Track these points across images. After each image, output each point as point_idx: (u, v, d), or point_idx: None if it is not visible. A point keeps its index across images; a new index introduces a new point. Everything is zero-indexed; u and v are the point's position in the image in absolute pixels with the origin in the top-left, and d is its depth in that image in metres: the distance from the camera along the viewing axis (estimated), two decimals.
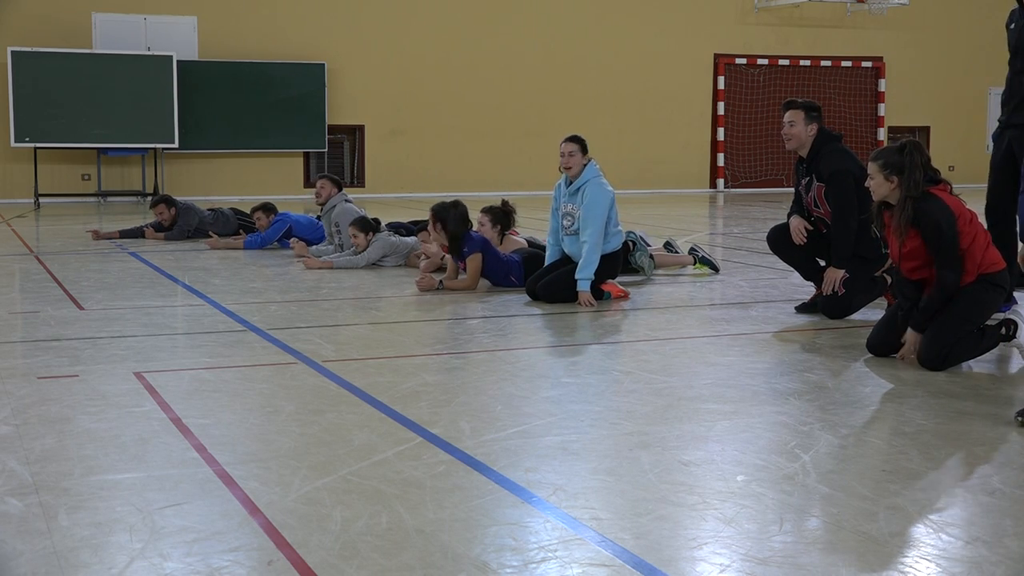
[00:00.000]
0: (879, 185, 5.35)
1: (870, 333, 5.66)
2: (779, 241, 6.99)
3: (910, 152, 5.28)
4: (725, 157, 22.26)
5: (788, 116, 6.73)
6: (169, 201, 11.71)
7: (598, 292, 7.29)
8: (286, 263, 9.47)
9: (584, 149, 7.36)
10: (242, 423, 4.28)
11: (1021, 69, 6.49)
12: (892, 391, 4.89)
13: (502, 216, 8.45)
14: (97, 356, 5.51)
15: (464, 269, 7.78)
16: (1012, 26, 6.62)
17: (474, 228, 8.35)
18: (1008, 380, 5.21)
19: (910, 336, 5.37)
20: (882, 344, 5.54)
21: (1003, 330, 5.40)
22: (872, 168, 5.37)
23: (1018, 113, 6.51)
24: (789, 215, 6.92)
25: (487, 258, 7.77)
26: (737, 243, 11.78)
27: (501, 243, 8.41)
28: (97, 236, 11.53)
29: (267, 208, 10.83)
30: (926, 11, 22.97)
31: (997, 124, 6.83)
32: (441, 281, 7.79)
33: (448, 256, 7.98)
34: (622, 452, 3.88)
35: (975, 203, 5.94)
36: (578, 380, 5.10)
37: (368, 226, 9.15)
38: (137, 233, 11.65)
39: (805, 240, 6.77)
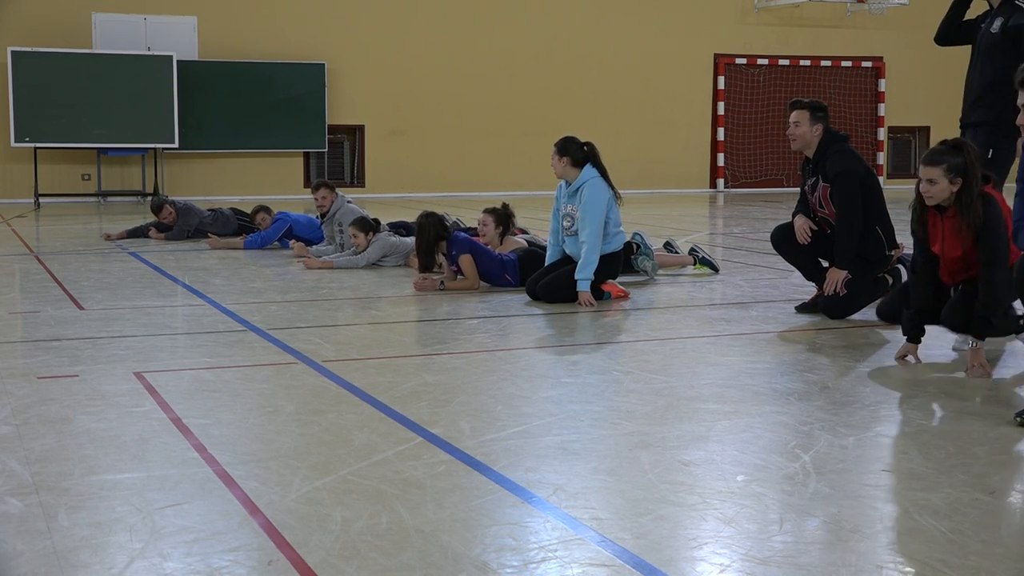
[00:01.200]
0: (942, 190, 5.18)
1: (881, 302, 5.67)
2: (783, 240, 6.98)
3: (968, 152, 5.19)
4: (725, 157, 22.26)
5: (793, 116, 6.73)
6: (170, 203, 11.75)
7: (598, 292, 7.29)
8: (286, 263, 9.47)
9: (560, 152, 7.32)
10: (242, 423, 4.28)
11: (977, 66, 6.48)
12: (892, 391, 4.89)
13: (504, 217, 8.47)
14: (97, 356, 5.51)
15: (458, 271, 7.79)
16: (983, 25, 6.62)
17: (478, 229, 8.39)
18: (1008, 380, 5.21)
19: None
20: (894, 315, 5.57)
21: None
22: (935, 173, 5.18)
23: (975, 110, 6.49)
24: (794, 215, 6.92)
25: (479, 257, 7.77)
26: (737, 243, 11.78)
27: (501, 243, 8.41)
28: (110, 238, 11.56)
29: (269, 210, 10.88)
30: (926, 11, 22.90)
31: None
32: (442, 282, 7.79)
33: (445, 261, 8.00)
34: (622, 452, 3.88)
35: None
36: (578, 380, 5.10)
37: (368, 226, 9.16)
38: (142, 232, 11.69)
39: (809, 240, 6.77)
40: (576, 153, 7.32)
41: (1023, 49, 6.23)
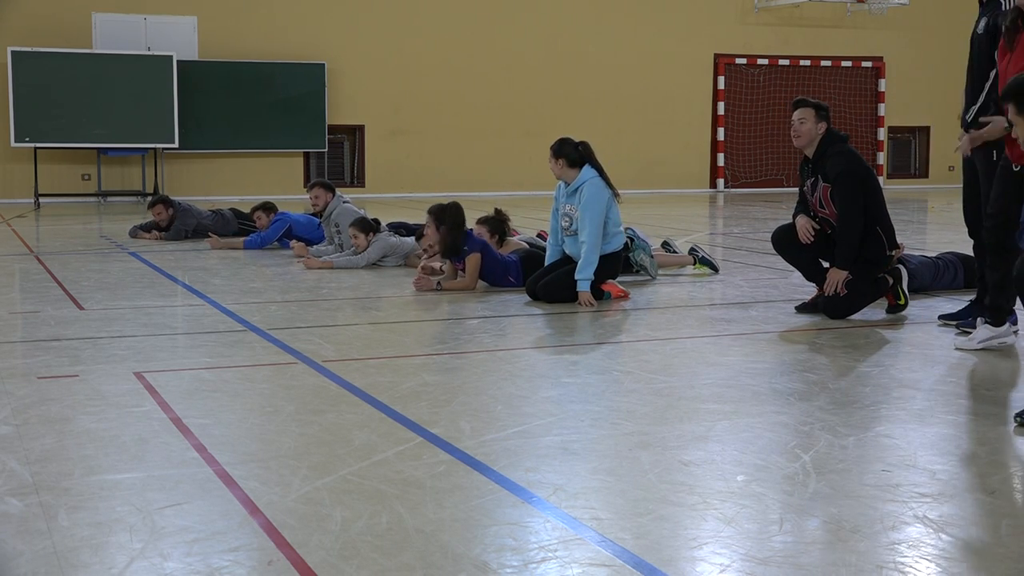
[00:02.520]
0: None
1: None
2: (783, 241, 6.98)
3: None
4: (725, 157, 22.26)
5: (799, 114, 6.70)
6: (167, 202, 11.75)
7: (598, 292, 7.29)
8: (286, 263, 9.47)
9: (558, 153, 7.32)
10: (242, 423, 4.28)
11: (971, 70, 6.41)
12: (892, 391, 4.89)
13: (498, 224, 8.45)
14: (97, 356, 5.51)
15: (463, 270, 7.78)
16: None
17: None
18: (1008, 380, 5.21)
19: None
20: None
21: None
22: None
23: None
24: (794, 215, 6.92)
25: (486, 259, 7.76)
26: (737, 243, 11.78)
27: (500, 246, 8.40)
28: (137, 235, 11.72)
29: (267, 207, 10.84)
30: (926, 11, 22.96)
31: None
32: (439, 282, 7.78)
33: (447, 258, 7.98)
34: (622, 452, 3.88)
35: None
36: (578, 380, 5.10)
37: (368, 226, 9.16)
38: (148, 228, 11.73)
39: (812, 239, 6.77)
40: (571, 154, 7.33)
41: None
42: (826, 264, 6.86)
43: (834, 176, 6.59)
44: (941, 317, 6.51)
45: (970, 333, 5.88)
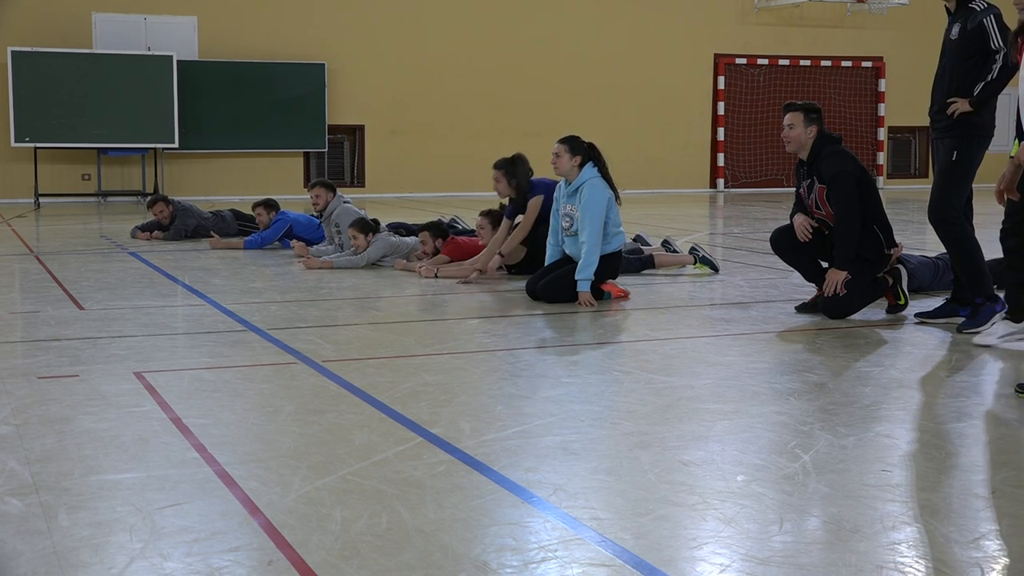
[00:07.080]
0: None
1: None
2: (782, 243, 6.99)
3: None
4: (725, 157, 22.25)
5: (787, 119, 6.72)
6: (166, 200, 11.74)
7: (598, 292, 7.29)
8: (286, 263, 9.47)
9: (574, 150, 7.34)
10: (242, 423, 4.28)
11: (942, 75, 6.39)
12: (892, 391, 4.89)
13: (500, 217, 8.48)
14: (97, 356, 5.51)
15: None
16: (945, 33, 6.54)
17: (476, 232, 8.46)
18: (1008, 380, 5.20)
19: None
20: None
21: None
22: None
23: (940, 118, 6.41)
24: (791, 216, 6.93)
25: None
26: (737, 243, 11.78)
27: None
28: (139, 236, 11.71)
29: (268, 205, 10.79)
30: (926, 11, 22.91)
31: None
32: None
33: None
34: (622, 452, 3.88)
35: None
36: (578, 380, 5.10)
37: (368, 227, 9.16)
38: (149, 228, 11.70)
39: (810, 236, 6.78)
40: (584, 153, 7.36)
41: (991, 45, 6.17)
42: (825, 264, 6.87)
43: (829, 177, 6.60)
44: (918, 315, 6.57)
45: (979, 334, 5.92)
